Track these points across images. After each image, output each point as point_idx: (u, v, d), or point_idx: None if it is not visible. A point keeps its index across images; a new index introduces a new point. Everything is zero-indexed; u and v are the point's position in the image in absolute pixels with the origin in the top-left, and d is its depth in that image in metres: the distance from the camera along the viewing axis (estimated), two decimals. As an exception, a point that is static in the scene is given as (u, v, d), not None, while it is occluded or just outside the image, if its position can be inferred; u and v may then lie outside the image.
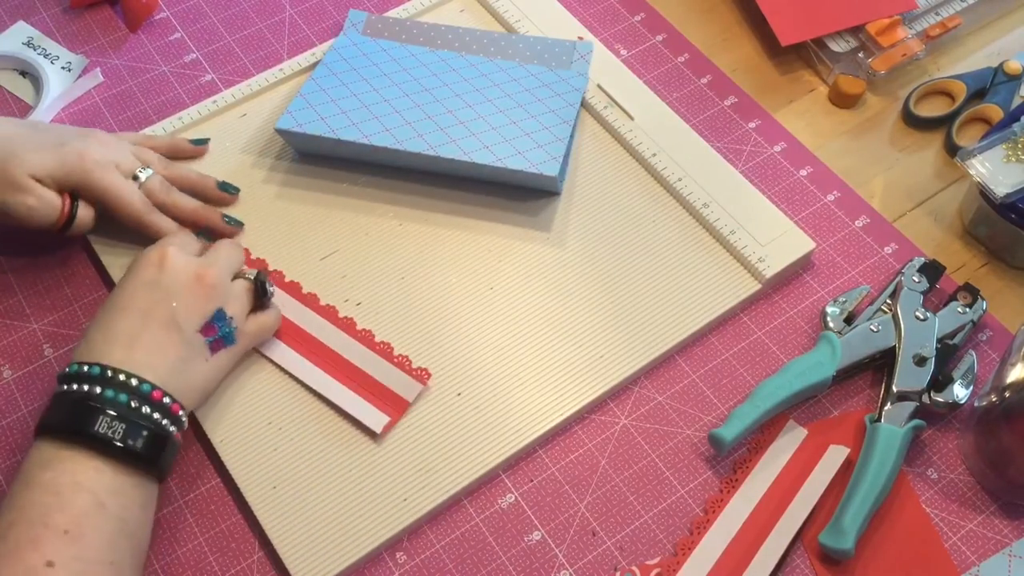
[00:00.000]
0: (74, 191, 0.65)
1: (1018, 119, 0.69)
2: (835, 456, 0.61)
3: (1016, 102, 0.77)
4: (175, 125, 0.76)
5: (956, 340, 0.64)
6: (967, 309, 0.65)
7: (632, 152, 0.74)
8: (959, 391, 0.61)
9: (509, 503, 0.60)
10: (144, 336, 0.55)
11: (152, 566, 0.58)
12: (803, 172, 0.75)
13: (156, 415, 0.54)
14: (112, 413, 0.52)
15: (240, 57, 0.82)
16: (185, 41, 0.83)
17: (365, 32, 0.79)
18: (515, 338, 0.65)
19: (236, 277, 0.63)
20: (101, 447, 0.52)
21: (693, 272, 0.68)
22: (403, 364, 0.63)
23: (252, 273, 0.63)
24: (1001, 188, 0.66)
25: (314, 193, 0.72)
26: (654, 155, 0.73)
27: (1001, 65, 0.79)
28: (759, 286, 0.67)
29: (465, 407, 0.62)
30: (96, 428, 0.52)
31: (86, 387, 0.53)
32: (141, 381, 0.54)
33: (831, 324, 0.65)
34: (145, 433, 0.53)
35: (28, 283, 0.69)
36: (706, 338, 0.67)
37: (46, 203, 0.63)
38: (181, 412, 0.56)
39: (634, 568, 0.58)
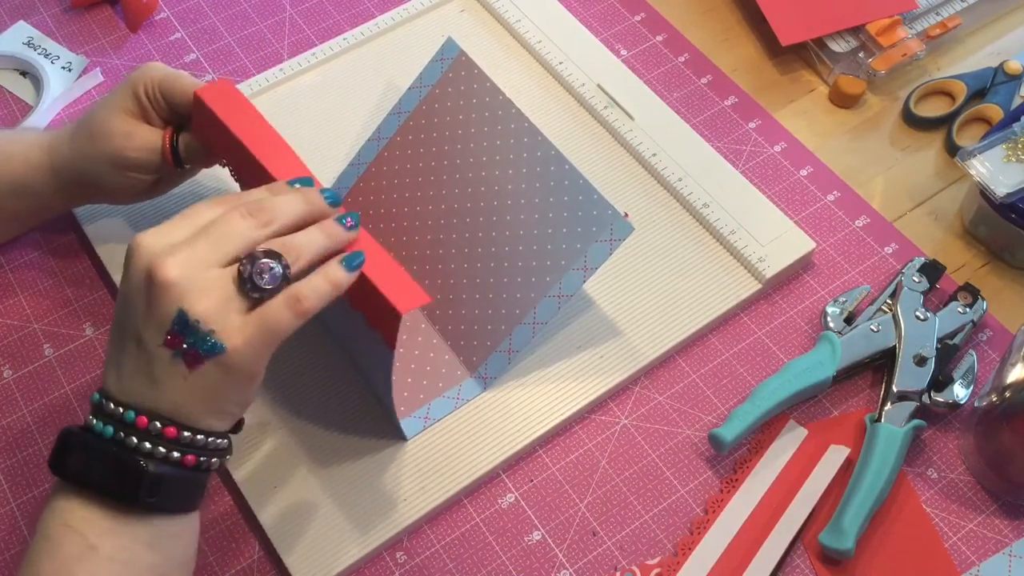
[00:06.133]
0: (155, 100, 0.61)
1: (1018, 119, 0.69)
2: (835, 456, 0.61)
3: (1016, 102, 0.77)
4: (175, 125, 0.76)
5: (956, 340, 0.64)
6: (967, 309, 0.65)
7: (632, 152, 0.74)
8: (959, 391, 0.61)
9: (509, 503, 0.60)
10: (124, 357, 0.48)
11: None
12: (803, 172, 0.75)
13: (147, 444, 0.46)
14: (88, 446, 0.47)
15: (240, 57, 0.82)
16: (185, 41, 0.83)
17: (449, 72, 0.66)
18: (515, 338, 0.65)
19: (243, 260, 0.47)
20: (82, 483, 0.47)
21: (693, 272, 0.68)
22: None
23: (250, 256, 0.47)
24: (1001, 188, 0.66)
25: (314, 193, 0.72)
26: (654, 155, 0.73)
27: (1001, 65, 0.79)
28: (759, 286, 0.67)
29: (465, 407, 0.62)
30: (68, 462, 0.47)
31: (92, 417, 0.48)
32: (126, 409, 0.47)
33: (831, 324, 0.65)
34: (105, 467, 0.46)
35: (28, 283, 0.69)
36: (706, 338, 0.67)
37: (145, 138, 0.61)
38: (183, 434, 0.47)
39: (634, 568, 0.58)
